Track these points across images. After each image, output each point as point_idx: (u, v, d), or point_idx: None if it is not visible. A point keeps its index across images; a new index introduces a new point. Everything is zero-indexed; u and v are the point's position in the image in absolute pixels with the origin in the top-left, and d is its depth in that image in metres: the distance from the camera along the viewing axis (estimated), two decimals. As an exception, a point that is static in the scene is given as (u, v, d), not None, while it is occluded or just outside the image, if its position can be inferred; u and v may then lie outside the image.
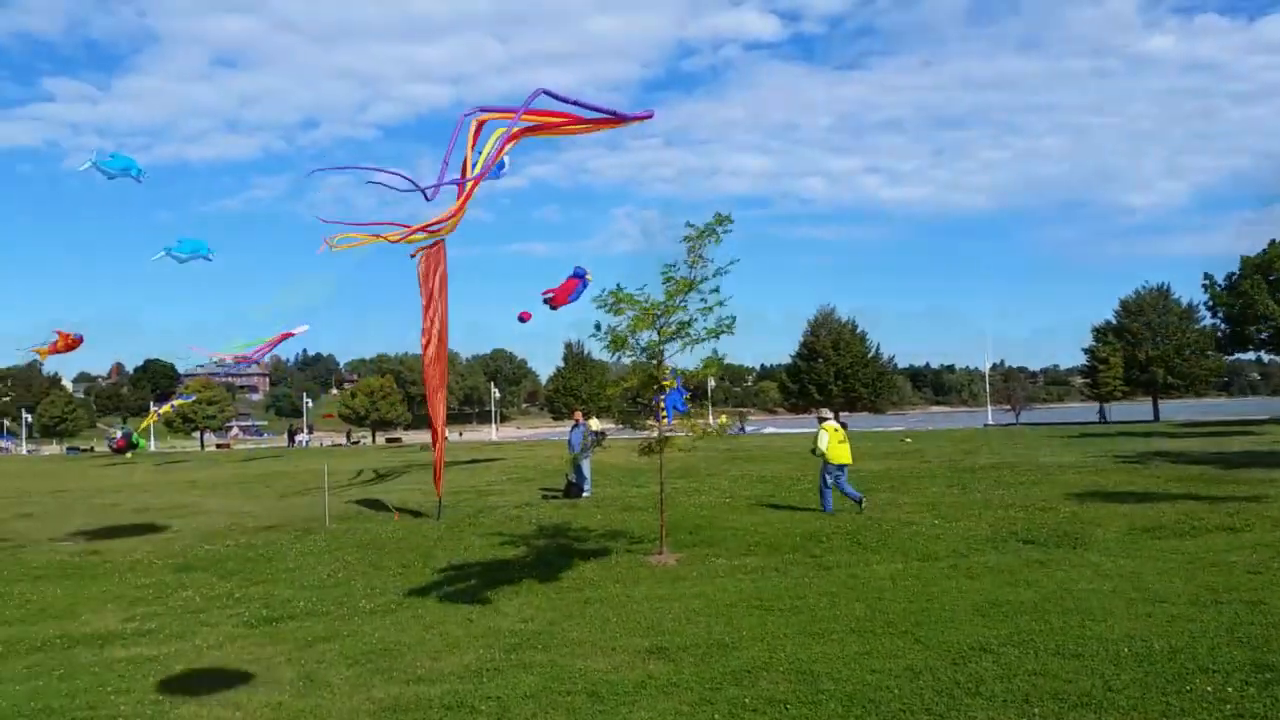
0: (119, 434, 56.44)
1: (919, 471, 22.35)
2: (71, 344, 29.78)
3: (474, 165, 12.09)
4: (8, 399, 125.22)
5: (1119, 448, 27.78)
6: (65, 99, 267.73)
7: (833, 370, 78.16)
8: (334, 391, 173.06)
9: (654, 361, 12.40)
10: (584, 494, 20.03)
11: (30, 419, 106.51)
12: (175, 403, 74.35)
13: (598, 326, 12.47)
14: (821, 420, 16.55)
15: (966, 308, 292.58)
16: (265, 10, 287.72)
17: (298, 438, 75.61)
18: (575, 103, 11.07)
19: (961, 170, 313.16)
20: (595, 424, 21.49)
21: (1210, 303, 56.52)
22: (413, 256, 16.94)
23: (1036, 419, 79.58)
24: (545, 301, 22.60)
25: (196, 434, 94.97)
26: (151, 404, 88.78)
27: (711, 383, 71.93)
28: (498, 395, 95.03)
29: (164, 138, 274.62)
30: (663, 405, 13.33)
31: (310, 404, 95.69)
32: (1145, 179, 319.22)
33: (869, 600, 9.34)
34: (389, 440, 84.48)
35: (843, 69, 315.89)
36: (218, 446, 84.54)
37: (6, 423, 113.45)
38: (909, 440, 36.29)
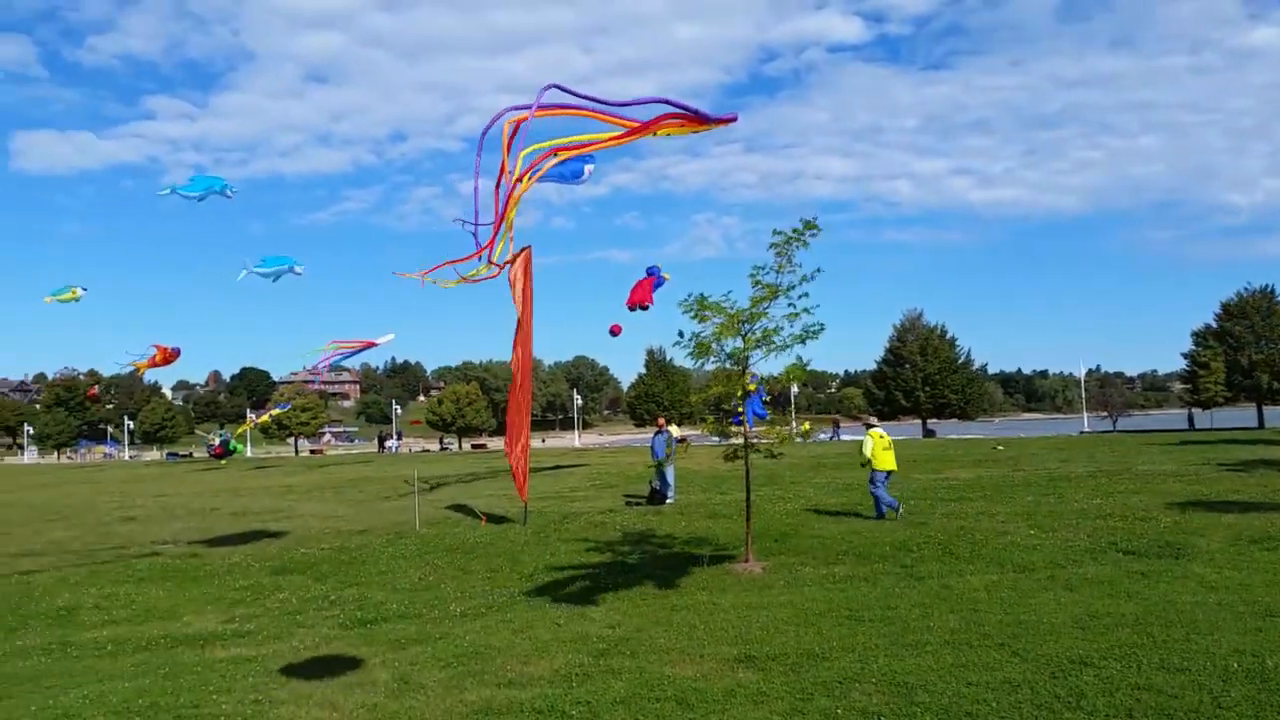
0: (217, 440, 58.23)
1: (1012, 480, 21.79)
2: (169, 357, 30.91)
3: (512, 170, 12.38)
4: (111, 406, 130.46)
5: (1221, 455, 26.72)
6: (165, 117, 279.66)
7: (920, 376, 77.00)
8: (421, 398, 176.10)
9: (738, 368, 12.31)
10: (668, 500, 20.02)
11: (132, 426, 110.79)
12: (274, 412, 76.64)
13: (681, 334, 12.39)
14: (868, 427, 17.08)
15: (1060, 312, 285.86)
16: (354, 27, 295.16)
17: (388, 444, 77.07)
18: (587, 97, 11.21)
19: (1054, 171, 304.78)
20: (676, 430, 21.46)
21: (1320, 304, 54.32)
22: (500, 269, 17.17)
23: (1134, 426, 77.21)
24: (632, 309, 22.80)
25: (291, 440, 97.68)
26: (248, 411, 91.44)
27: (795, 389, 71.44)
28: (580, 402, 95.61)
29: (258, 152, 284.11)
30: (743, 410, 13.24)
31: (399, 411, 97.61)
32: (1248, 177, 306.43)
33: (963, 612, 9.13)
34: (474, 446, 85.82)
35: (929, 69, 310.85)
36: (311, 452, 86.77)
37: (110, 429, 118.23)
38: (1001, 448, 35.44)
